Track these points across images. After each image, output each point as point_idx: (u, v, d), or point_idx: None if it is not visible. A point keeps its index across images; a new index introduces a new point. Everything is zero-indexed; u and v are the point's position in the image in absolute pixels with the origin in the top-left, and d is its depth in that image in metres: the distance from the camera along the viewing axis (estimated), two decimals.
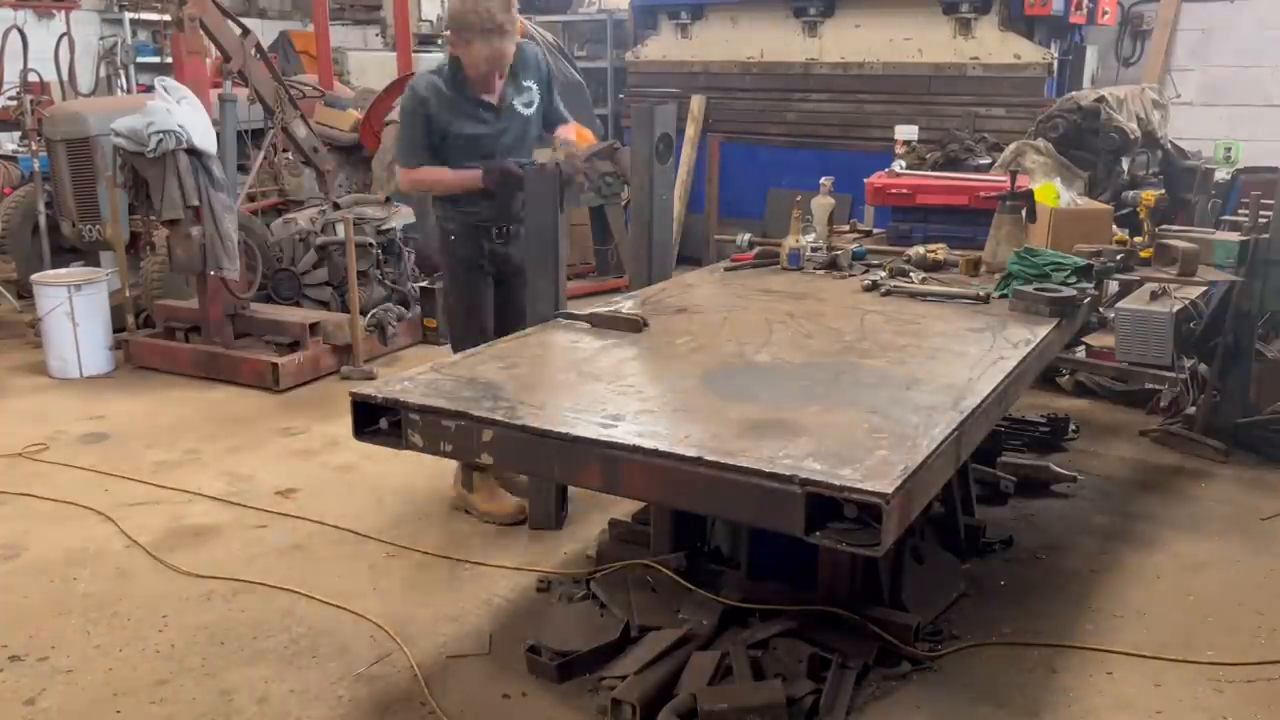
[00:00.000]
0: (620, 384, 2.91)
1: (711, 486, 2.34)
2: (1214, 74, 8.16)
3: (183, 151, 5.39)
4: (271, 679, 3.15)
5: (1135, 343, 4.48)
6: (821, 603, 3.22)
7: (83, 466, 4.76)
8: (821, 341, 3.30)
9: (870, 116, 8.02)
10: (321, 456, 4.91)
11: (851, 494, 2.18)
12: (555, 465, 2.62)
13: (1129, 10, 8.43)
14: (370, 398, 2.78)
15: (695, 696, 2.83)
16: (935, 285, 3.97)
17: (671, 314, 3.65)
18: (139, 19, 10.35)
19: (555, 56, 9.57)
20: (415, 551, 3.93)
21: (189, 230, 5.51)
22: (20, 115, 7.22)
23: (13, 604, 3.59)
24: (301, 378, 5.94)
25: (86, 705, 3.03)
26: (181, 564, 3.85)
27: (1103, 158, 6.14)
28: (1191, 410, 5.05)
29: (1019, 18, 7.39)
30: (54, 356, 6.06)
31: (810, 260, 4.28)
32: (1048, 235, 4.38)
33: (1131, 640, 3.34)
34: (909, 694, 3.05)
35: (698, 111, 8.78)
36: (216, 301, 6.03)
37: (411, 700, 3.04)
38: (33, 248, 7.05)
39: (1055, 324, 3.50)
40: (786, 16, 8.31)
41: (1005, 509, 4.27)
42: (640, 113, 4.21)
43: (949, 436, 2.51)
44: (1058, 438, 4.97)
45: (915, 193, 4.76)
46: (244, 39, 6.43)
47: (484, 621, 3.47)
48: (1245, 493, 4.49)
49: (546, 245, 3.91)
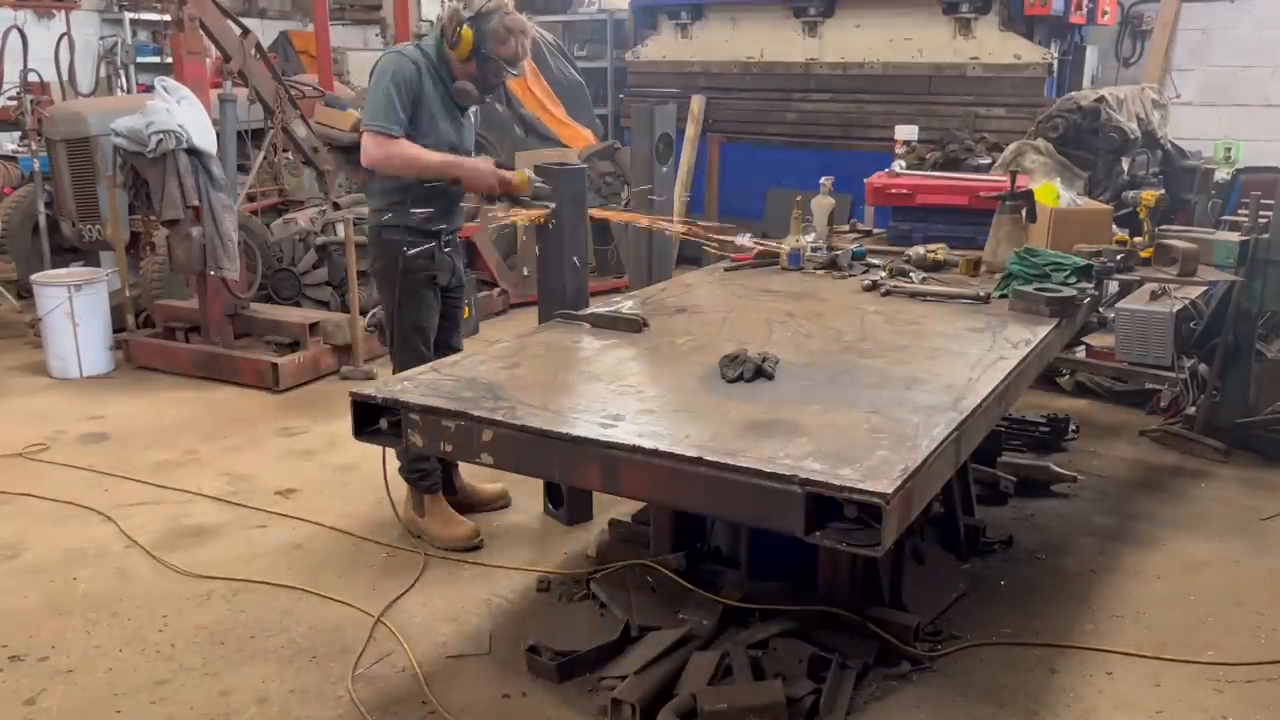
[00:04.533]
0: (620, 384, 2.91)
1: (711, 486, 2.34)
2: (1214, 74, 8.16)
3: (183, 151, 5.39)
4: (271, 679, 3.15)
5: (1135, 343, 4.48)
6: (821, 603, 3.22)
7: (83, 466, 4.76)
8: (821, 341, 3.30)
9: (870, 116, 8.02)
10: (321, 456, 4.91)
11: (851, 494, 2.18)
12: (555, 465, 2.62)
13: (1129, 10, 8.43)
14: (370, 398, 2.78)
15: (695, 696, 2.83)
16: (935, 285, 3.97)
17: (671, 314, 3.65)
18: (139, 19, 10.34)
19: (555, 56, 9.59)
20: (415, 552, 3.93)
21: (189, 230, 5.51)
22: (20, 115, 7.22)
23: (13, 604, 3.59)
24: (301, 378, 5.94)
25: (86, 705, 3.03)
26: (181, 564, 3.85)
27: (1103, 158, 6.14)
28: (1191, 410, 5.05)
29: (1019, 18, 7.39)
30: (54, 356, 6.06)
31: (810, 260, 4.29)
32: (1048, 235, 4.38)
33: (1131, 640, 3.34)
34: (909, 694, 3.05)
35: (698, 111, 8.78)
36: (216, 301, 6.03)
37: (411, 700, 3.03)
38: (33, 248, 7.05)
39: (1055, 324, 3.51)
40: (786, 16, 8.31)
41: (1005, 509, 4.27)
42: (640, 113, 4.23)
43: (949, 436, 2.51)
44: (1058, 438, 4.97)
45: (915, 193, 4.76)
46: (244, 39, 6.43)
47: (484, 621, 3.47)
48: (1245, 493, 4.49)
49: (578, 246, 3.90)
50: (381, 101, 3.61)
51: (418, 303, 3.86)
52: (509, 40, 3.70)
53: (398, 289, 3.80)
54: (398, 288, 3.80)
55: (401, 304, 3.82)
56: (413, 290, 3.82)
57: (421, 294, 3.86)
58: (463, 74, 3.76)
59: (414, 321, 3.86)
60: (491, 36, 3.67)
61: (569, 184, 3.87)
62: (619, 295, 4.27)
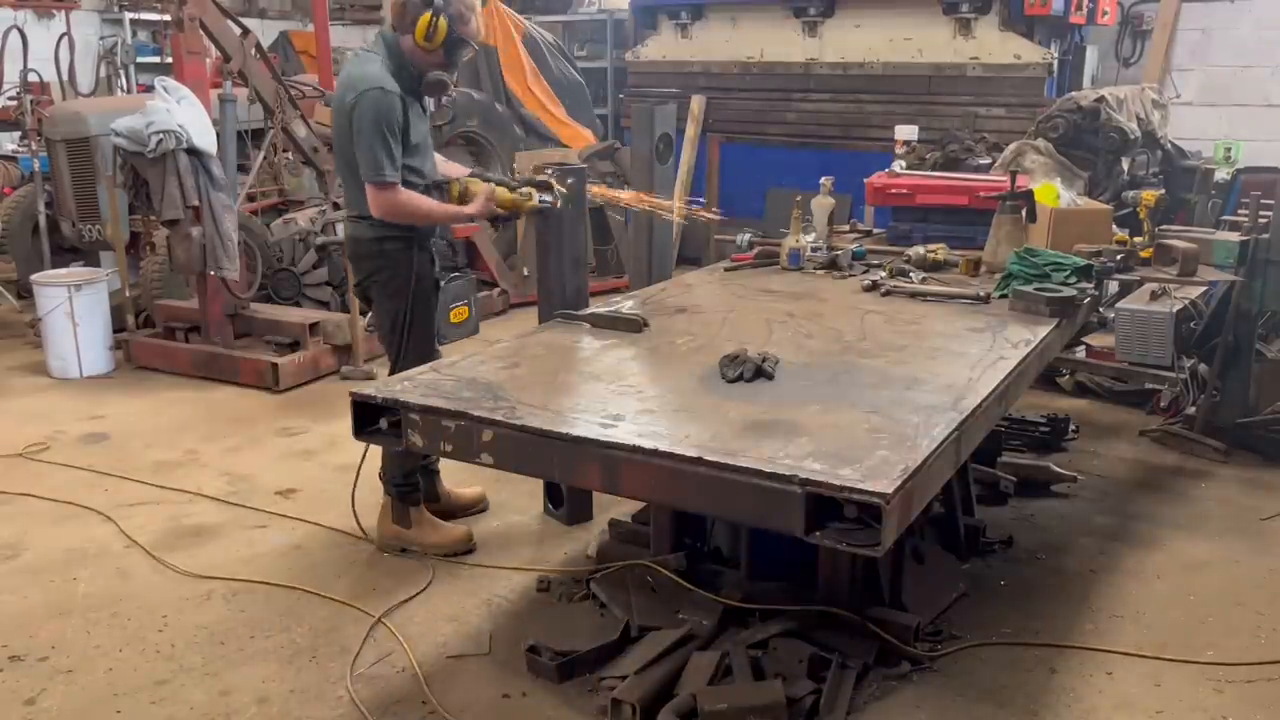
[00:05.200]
0: (620, 384, 2.92)
1: (711, 486, 2.34)
2: (1214, 74, 8.16)
3: (183, 151, 5.39)
4: (271, 679, 3.15)
5: (1135, 343, 4.48)
6: (821, 603, 3.22)
7: (83, 466, 4.76)
8: (821, 341, 3.30)
9: (870, 116, 8.02)
10: (321, 456, 4.91)
11: (851, 494, 2.18)
12: (555, 465, 2.62)
13: (1129, 10, 8.43)
14: (370, 398, 2.79)
15: (695, 696, 2.83)
16: (935, 285, 3.97)
17: (671, 314, 3.65)
18: (139, 19, 10.33)
19: (555, 56, 9.58)
20: (415, 551, 3.93)
21: (189, 230, 5.51)
22: (20, 115, 7.22)
23: (13, 604, 3.59)
24: (301, 378, 5.94)
25: (86, 705, 3.03)
26: (181, 564, 3.85)
27: (1103, 158, 6.14)
28: (1191, 410, 5.05)
29: (1019, 18, 7.39)
30: (54, 356, 6.06)
31: (810, 260, 4.29)
32: (1048, 235, 4.38)
33: (1131, 640, 3.34)
34: (909, 694, 3.05)
35: (698, 111, 8.78)
36: (216, 301, 6.03)
37: (412, 700, 3.03)
38: (33, 248, 7.05)
39: (1055, 324, 3.51)
40: (786, 16, 8.31)
41: (1005, 509, 4.27)
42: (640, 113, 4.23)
43: (949, 436, 2.52)
44: (1058, 438, 4.96)
45: (915, 193, 4.76)
46: (244, 39, 6.42)
47: (484, 621, 3.47)
48: (1245, 493, 4.49)
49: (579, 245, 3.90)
50: (376, 152, 3.56)
51: (423, 307, 3.85)
52: (470, 19, 3.71)
53: (410, 298, 3.78)
54: (410, 296, 3.78)
55: (415, 312, 3.80)
56: (418, 295, 3.81)
57: (426, 298, 3.87)
58: (428, 64, 3.69)
59: (423, 325, 3.85)
60: (457, 19, 3.65)
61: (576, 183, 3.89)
62: (619, 295, 4.27)
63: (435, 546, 3.93)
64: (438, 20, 3.58)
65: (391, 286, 3.80)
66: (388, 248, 3.76)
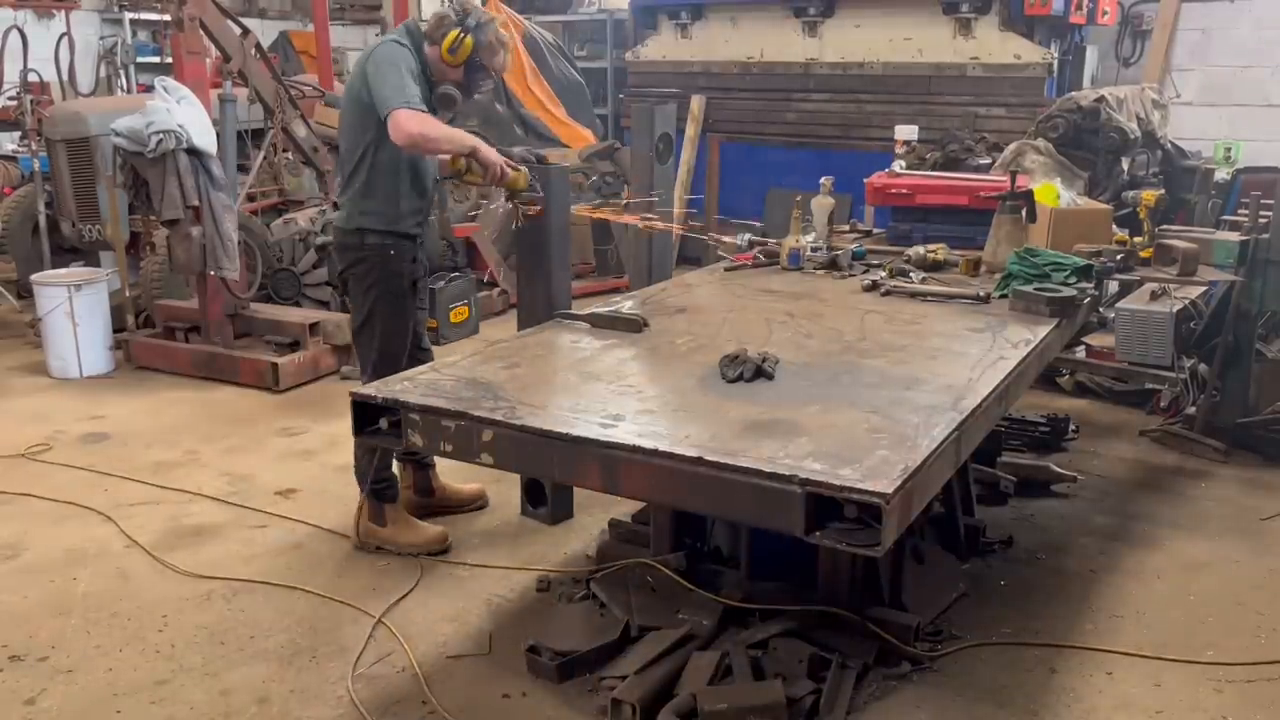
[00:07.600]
0: (620, 384, 2.92)
1: (711, 486, 2.34)
2: (1214, 74, 8.16)
3: (183, 151, 5.39)
4: (271, 679, 3.15)
5: (1135, 343, 4.48)
6: (821, 603, 3.22)
7: (83, 466, 4.76)
8: (821, 341, 3.30)
9: (870, 116, 8.03)
10: (321, 456, 4.91)
11: (851, 494, 2.18)
12: (555, 465, 2.62)
13: (1129, 10, 8.43)
14: (370, 398, 2.79)
15: (695, 696, 2.83)
16: (935, 285, 3.97)
17: (671, 314, 3.65)
18: (139, 19, 10.33)
19: (555, 56, 9.59)
20: (415, 552, 3.92)
21: (189, 230, 5.51)
22: (20, 115, 7.22)
23: (13, 604, 3.59)
24: (301, 378, 5.94)
25: (86, 705, 3.03)
26: (181, 564, 3.85)
27: (1103, 158, 6.14)
28: (1191, 410, 5.05)
29: (1019, 18, 7.40)
30: (54, 356, 6.06)
31: (810, 260, 4.28)
32: (1048, 235, 4.38)
33: (1131, 640, 3.34)
34: (909, 694, 3.05)
35: (698, 111, 8.79)
36: (216, 301, 6.03)
37: (411, 700, 3.03)
38: (33, 248, 7.04)
39: (1055, 324, 3.51)
40: (786, 16, 8.32)
41: (1005, 509, 4.27)
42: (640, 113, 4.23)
43: (949, 436, 2.51)
44: (1058, 438, 4.97)
45: (915, 193, 4.76)
46: (244, 39, 6.43)
47: (484, 621, 3.47)
48: (1245, 493, 4.49)
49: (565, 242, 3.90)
50: (402, 81, 3.52)
51: (403, 310, 3.82)
52: (499, 53, 3.82)
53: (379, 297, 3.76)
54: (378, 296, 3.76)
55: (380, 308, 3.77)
56: (398, 296, 3.80)
57: (406, 301, 3.84)
58: (446, 79, 3.78)
59: (401, 329, 3.82)
60: (485, 48, 3.75)
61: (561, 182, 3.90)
62: (619, 295, 4.27)
63: (410, 546, 3.92)
64: (465, 38, 3.68)
65: (366, 281, 3.81)
66: (369, 240, 3.77)
